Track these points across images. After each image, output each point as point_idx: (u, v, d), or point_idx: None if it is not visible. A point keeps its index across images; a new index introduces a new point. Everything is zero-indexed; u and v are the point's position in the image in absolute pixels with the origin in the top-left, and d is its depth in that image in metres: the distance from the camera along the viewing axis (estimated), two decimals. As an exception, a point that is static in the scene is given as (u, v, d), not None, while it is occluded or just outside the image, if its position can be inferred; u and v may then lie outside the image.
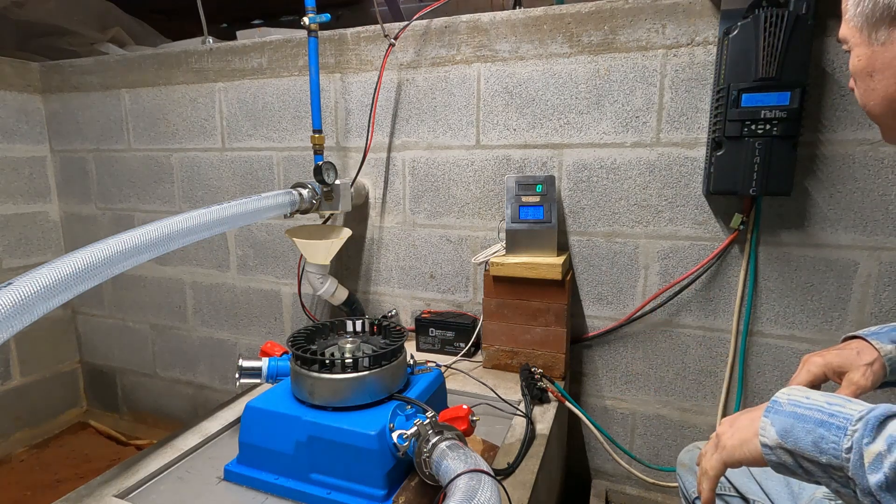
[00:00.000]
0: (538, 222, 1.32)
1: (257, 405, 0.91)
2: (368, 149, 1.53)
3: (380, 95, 1.53)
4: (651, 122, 1.30)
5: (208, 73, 1.76)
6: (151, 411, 2.19)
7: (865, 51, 0.59)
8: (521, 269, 1.28)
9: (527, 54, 1.37)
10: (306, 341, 0.97)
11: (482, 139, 1.46)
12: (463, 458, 0.72)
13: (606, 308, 1.43)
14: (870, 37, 0.58)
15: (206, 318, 1.98)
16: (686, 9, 1.22)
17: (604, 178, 1.36)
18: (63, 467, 1.94)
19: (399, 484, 0.84)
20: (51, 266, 0.73)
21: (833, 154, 1.18)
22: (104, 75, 1.92)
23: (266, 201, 1.19)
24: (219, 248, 1.89)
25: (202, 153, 1.83)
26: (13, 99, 1.97)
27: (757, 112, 1.10)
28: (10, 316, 0.66)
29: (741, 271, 1.28)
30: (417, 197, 1.57)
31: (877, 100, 0.59)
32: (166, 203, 1.94)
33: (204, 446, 1.03)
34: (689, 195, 1.30)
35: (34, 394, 2.12)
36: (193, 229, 0.97)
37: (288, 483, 0.86)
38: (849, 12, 0.60)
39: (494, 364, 1.37)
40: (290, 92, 1.65)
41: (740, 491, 0.90)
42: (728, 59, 1.11)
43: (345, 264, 1.70)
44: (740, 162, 1.14)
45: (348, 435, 0.82)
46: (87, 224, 2.11)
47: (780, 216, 1.24)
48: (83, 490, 0.88)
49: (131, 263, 0.86)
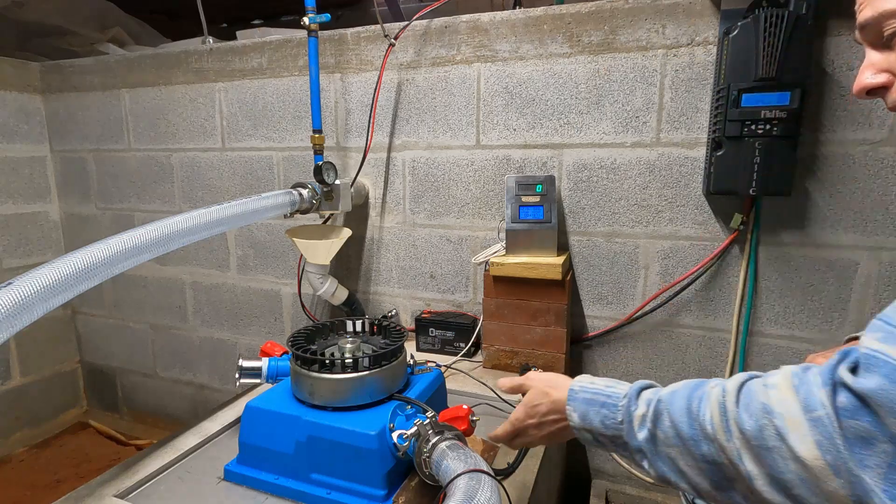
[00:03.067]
0: (538, 222, 1.32)
1: (257, 405, 0.91)
2: (368, 149, 1.53)
3: (380, 95, 1.53)
4: (651, 122, 1.30)
5: (208, 73, 1.76)
6: (151, 411, 2.19)
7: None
8: (521, 269, 1.28)
9: (527, 54, 1.37)
10: (306, 341, 0.97)
11: (482, 139, 1.46)
12: (463, 458, 0.72)
13: (606, 308, 1.43)
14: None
15: (206, 318, 1.98)
16: (686, 9, 1.22)
17: (604, 178, 1.36)
18: (63, 467, 1.94)
19: (399, 484, 0.84)
20: (51, 266, 0.73)
21: (833, 154, 1.18)
22: (104, 75, 1.92)
23: (266, 201, 1.19)
24: (219, 248, 1.89)
25: (202, 153, 1.83)
26: (13, 99, 1.97)
27: (757, 112, 1.10)
28: (10, 316, 0.66)
29: (741, 271, 1.28)
30: (417, 197, 1.57)
31: None
32: (166, 203, 1.94)
33: (204, 446, 1.03)
34: (689, 195, 1.30)
35: (34, 394, 2.12)
36: (193, 229, 0.97)
37: (288, 483, 0.86)
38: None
39: (494, 364, 1.37)
40: (290, 92, 1.65)
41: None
42: (728, 59, 1.11)
43: (345, 264, 1.70)
44: (740, 162, 1.14)
45: (348, 435, 0.82)
46: (87, 224, 2.11)
47: (780, 216, 1.24)
48: (83, 490, 0.88)
49: (131, 263, 0.86)
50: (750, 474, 0.48)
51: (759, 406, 0.48)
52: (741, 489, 0.50)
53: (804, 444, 0.44)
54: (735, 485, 0.51)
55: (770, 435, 0.46)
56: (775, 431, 0.46)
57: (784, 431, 0.45)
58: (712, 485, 0.52)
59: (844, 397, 0.43)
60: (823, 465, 0.43)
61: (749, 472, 0.48)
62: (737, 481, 0.50)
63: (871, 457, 0.41)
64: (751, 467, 0.48)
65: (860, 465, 0.41)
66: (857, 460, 0.41)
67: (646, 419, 0.57)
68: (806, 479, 0.44)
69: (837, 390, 0.44)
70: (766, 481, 0.47)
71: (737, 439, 0.49)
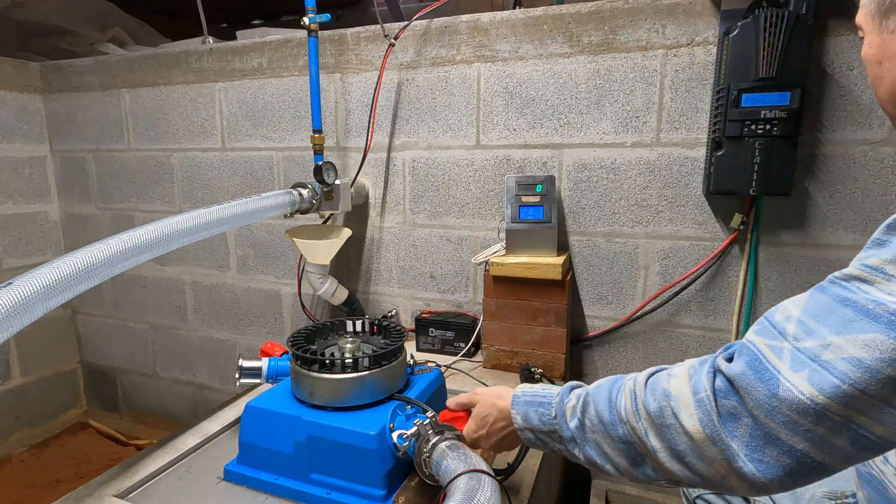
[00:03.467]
0: (538, 222, 1.32)
1: (257, 405, 0.90)
2: (368, 149, 1.53)
3: (380, 95, 1.53)
4: (651, 122, 1.30)
5: (208, 73, 1.76)
6: (151, 411, 2.19)
7: (876, 38, 0.59)
8: (521, 269, 1.28)
9: (527, 54, 1.37)
10: (306, 341, 0.97)
11: (482, 139, 1.46)
12: (463, 458, 0.72)
13: (606, 308, 1.43)
14: (881, 24, 0.57)
15: (206, 318, 1.98)
16: (686, 9, 1.22)
17: (604, 178, 1.36)
18: (63, 467, 1.94)
19: (399, 484, 0.84)
20: (51, 266, 0.73)
21: (833, 154, 1.18)
22: (104, 75, 1.92)
23: (266, 201, 1.19)
24: (219, 248, 1.89)
25: (202, 153, 1.83)
26: (13, 99, 1.97)
27: (757, 112, 1.10)
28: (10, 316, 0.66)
29: (741, 271, 1.28)
30: (417, 197, 1.57)
31: (886, 87, 0.59)
32: (166, 203, 1.94)
33: (204, 446, 1.03)
34: (689, 195, 1.30)
35: (34, 394, 2.12)
36: (193, 229, 0.97)
37: (288, 483, 0.86)
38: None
39: (494, 364, 1.37)
40: (290, 92, 1.65)
41: (740, 491, 0.90)
42: (728, 59, 1.11)
43: (345, 264, 1.70)
44: (740, 162, 1.14)
45: (348, 435, 0.82)
46: (87, 224, 2.11)
47: (780, 216, 1.24)
48: (83, 490, 0.88)
49: (131, 263, 0.86)
50: (654, 448, 0.57)
51: (661, 391, 0.58)
52: (651, 463, 0.59)
53: (691, 420, 0.54)
54: (646, 460, 0.59)
55: (668, 414, 0.56)
56: (672, 412, 0.56)
57: (678, 411, 0.55)
58: (629, 462, 0.61)
59: (720, 381, 0.54)
60: (704, 437, 0.53)
61: (653, 447, 0.57)
62: (647, 457, 0.59)
63: (737, 429, 0.51)
64: (654, 442, 0.57)
65: (730, 435, 0.51)
66: (728, 432, 0.51)
67: (576, 410, 0.66)
68: (694, 449, 0.54)
69: (716, 375, 0.54)
70: (666, 454, 0.56)
71: (644, 420, 0.58)
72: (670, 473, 0.57)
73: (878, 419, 0.46)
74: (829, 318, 0.49)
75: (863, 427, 0.47)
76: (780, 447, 0.49)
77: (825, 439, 0.48)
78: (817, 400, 0.46)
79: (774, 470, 0.50)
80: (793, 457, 0.49)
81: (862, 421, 0.46)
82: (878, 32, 0.58)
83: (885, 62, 0.58)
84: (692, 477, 0.55)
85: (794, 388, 0.47)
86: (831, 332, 0.48)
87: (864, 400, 0.46)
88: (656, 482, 0.60)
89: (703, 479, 0.55)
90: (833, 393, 0.46)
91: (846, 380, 0.46)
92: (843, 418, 0.47)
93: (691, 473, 0.55)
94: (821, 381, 0.47)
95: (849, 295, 0.49)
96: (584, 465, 0.66)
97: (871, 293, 0.47)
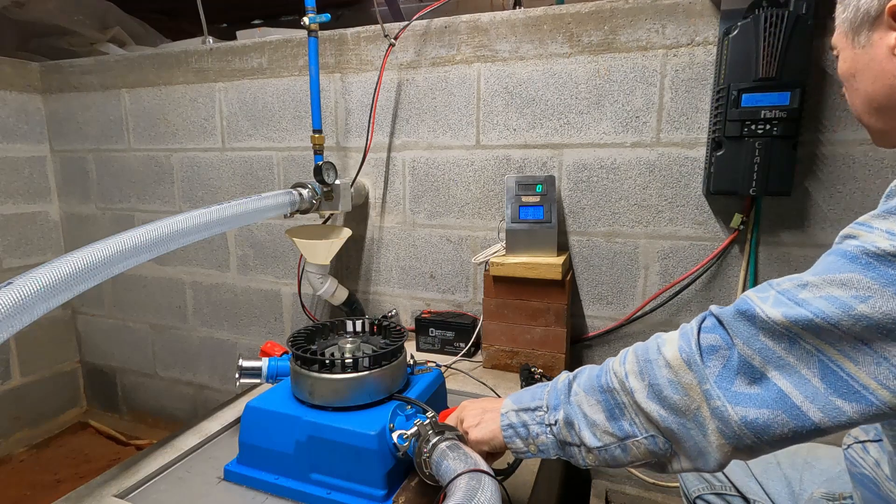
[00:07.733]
0: (538, 222, 1.32)
1: (257, 405, 0.90)
2: (368, 149, 1.53)
3: (380, 95, 1.53)
4: (651, 122, 1.30)
5: (208, 73, 1.76)
6: (151, 411, 2.19)
7: (849, 54, 0.62)
8: (521, 269, 1.28)
9: (527, 54, 1.37)
10: (306, 341, 0.97)
11: (482, 139, 1.46)
12: (463, 459, 0.72)
13: (606, 308, 1.43)
14: (853, 41, 0.61)
15: (206, 318, 1.98)
16: (686, 9, 1.22)
17: (604, 178, 1.36)
18: (63, 467, 1.94)
19: (399, 484, 0.84)
20: (51, 266, 0.73)
21: (833, 154, 1.18)
22: (104, 75, 1.92)
23: (266, 201, 1.19)
24: (219, 248, 1.89)
25: (202, 153, 1.83)
26: (13, 99, 1.97)
27: (757, 112, 1.10)
28: (10, 316, 0.66)
29: (741, 271, 1.28)
30: (417, 197, 1.57)
31: (859, 100, 0.63)
32: (166, 203, 1.94)
33: (204, 446, 1.03)
34: (689, 195, 1.30)
35: (34, 394, 2.12)
36: (193, 229, 0.97)
37: (288, 483, 0.86)
38: (837, 18, 0.63)
39: (494, 364, 1.37)
40: (290, 92, 1.65)
41: (741, 490, 0.90)
42: (728, 59, 1.11)
43: (345, 264, 1.70)
44: (740, 162, 1.14)
45: (348, 435, 0.82)
46: (87, 224, 2.11)
47: (780, 216, 1.24)
48: (83, 490, 0.88)
49: (131, 263, 0.86)
50: (632, 389, 0.60)
51: (652, 340, 0.63)
52: (627, 415, 0.61)
53: (671, 350, 0.59)
54: (624, 411, 0.62)
55: (653, 350, 0.61)
56: (657, 347, 0.61)
57: (662, 346, 0.60)
58: (606, 415, 0.63)
59: (709, 320, 0.59)
60: (681, 362, 0.57)
61: (631, 387, 0.60)
62: (625, 407, 0.61)
63: (713, 359, 0.56)
64: (634, 383, 0.60)
65: (706, 361, 0.56)
66: (705, 357, 0.56)
67: (568, 377, 0.71)
68: (672, 380, 0.57)
69: (707, 317, 0.60)
70: (644, 393, 0.59)
71: (628, 362, 0.63)
72: (646, 415, 0.59)
73: (851, 357, 0.48)
74: (816, 268, 0.53)
75: (834, 361, 0.49)
76: (751, 374, 0.53)
77: (795, 368, 0.51)
78: (792, 329, 0.51)
79: (744, 400, 0.53)
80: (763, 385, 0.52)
81: (833, 354, 0.49)
82: (850, 48, 0.62)
83: (858, 74, 0.61)
84: (667, 416, 0.57)
85: (771, 318, 0.52)
86: (811, 275, 0.52)
87: (837, 334, 0.49)
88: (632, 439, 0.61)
89: (677, 415, 0.57)
90: (807, 325, 0.50)
91: (819, 314, 0.49)
92: (814, 347, 0.50)
93: (666, 411, 0.57)
94: (796, 315, 0.50)
95: (836, 248, 0.53)
96: (559, 431, 0.66)
97: (856, 242, 0.51)
